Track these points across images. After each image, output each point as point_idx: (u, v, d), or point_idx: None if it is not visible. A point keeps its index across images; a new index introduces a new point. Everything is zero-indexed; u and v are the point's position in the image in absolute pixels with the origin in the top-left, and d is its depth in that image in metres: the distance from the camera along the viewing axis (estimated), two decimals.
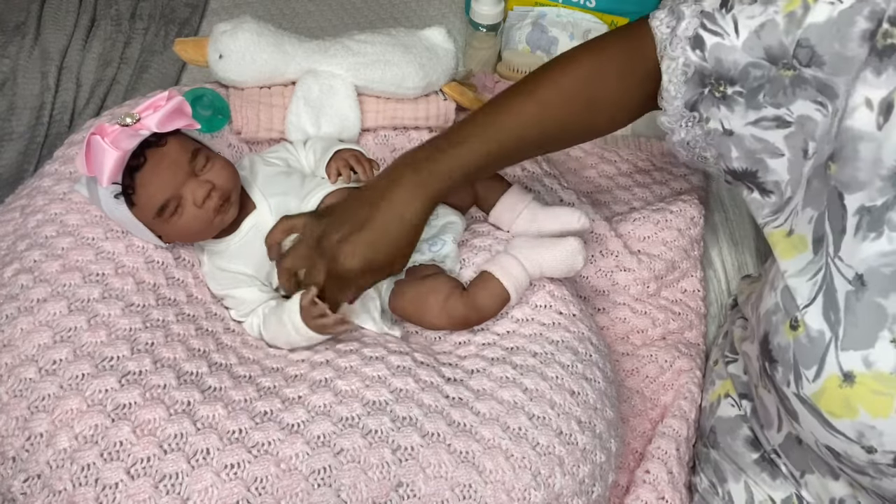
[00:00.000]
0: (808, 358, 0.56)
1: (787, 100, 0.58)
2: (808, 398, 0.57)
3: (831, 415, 0.56)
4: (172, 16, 1.30)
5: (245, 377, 0.69)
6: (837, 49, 0.54)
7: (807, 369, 0.56)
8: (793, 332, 0.57)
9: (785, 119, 0.59)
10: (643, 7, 1.20)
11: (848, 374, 0.54)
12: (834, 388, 0.55)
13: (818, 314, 0.55)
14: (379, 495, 0.61)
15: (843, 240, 0.55)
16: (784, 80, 0.58)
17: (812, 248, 0.57)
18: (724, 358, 0.85)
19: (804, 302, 0.57)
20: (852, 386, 0.54)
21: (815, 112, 0.57)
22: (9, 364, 0.64)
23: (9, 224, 0.78)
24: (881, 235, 0.53)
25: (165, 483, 0.59)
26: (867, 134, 0.53)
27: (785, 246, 0.60)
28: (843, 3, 0.54)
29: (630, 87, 0.68)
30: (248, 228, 0.78)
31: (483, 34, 1.20)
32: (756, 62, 0.59)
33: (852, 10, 0.53)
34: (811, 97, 0.57)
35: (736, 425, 0.78)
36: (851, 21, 0.53)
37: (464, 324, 0.77)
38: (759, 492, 0.74)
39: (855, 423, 0.54)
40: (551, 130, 0.71)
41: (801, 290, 0.57)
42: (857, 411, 0.54)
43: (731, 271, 1.01)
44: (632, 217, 0.97)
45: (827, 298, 0.55)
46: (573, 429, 0.68)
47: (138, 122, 0.70)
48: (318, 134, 0.91)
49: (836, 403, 0.55)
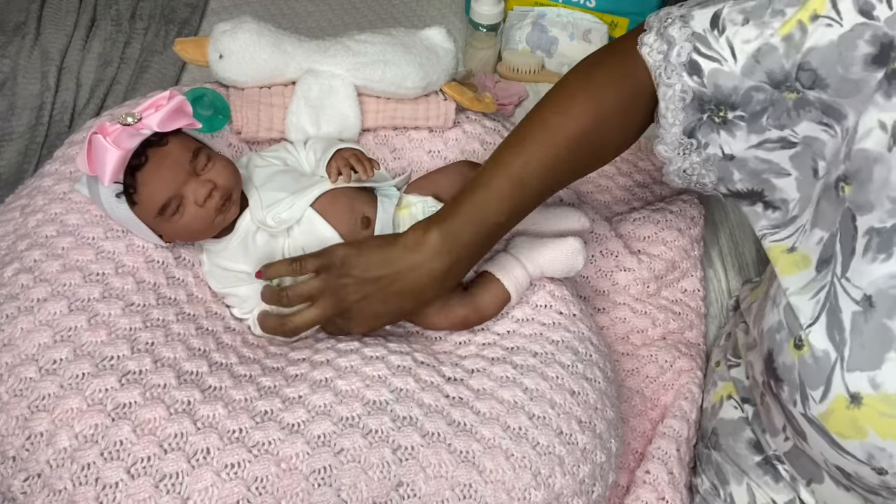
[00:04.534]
0: (814, 379, 0.55)
1: (792, 122, 0.57)
2: (815, 419, 0.56)
3: (840, 436, 0.55)
4: (172, 16, 1.30)
5: (245, 376, 0.69)
6: (841, 73, 0.54)
7: (813, 390, 0.55)
8: (797, 351, 0.56)
9: (790, 140, 0.58)
10: (643, 7, 1.21)
11: (855, 395, 0.53)
12: (841, 409, 0.54)
13: (822, 334, 0.55)
14: (379, 495, 0.61)
15: (853, 261, 0.54)
16: (787, 103, 0.57)
17: (815, 267, 0.56)
18: (726, 361, 0.84)
19: (807, 321, 0.56)
20: (860, 407, 0.53)
21: (821, 133, 0.56)
22: (9, 363, 0.64)
23: (9, 224, 0.78)
24: (890, 257, 0.52)
25: (166, 482, 0.59)
26: (880, 156, 0.53)
27: (786, 262, 0.59)
28: (842, 25, 0.53)
29: (632, 121, 0.68)
30: (243, 226, 0.78)
31: (483, 34, 1.20)
32: (758, 86, 0.58)
33: (853, 33, 0.53)
34: (816, 119, 0.56)
35: (738, 427, 0.77)
36: (853, 45, 0.53)
37: (464, 324, 0.77)
38: (761, 494, 0.74)
39: (864, 444, 0.53)
40: (564, 176, 0.71)
41: (803, 308, 0.56)
42: (867, 433, 0.53)
43: (731, 271, 1.01)
44: (632, 217, 0.97)
45: (831, 318, 0.55)
46: (573, 429, 0.68)
47: (140, 122, 0.70)
48: (318, 134, 0.91)
49: (845, 425, 0.54)
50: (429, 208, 0.83)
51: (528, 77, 1.24)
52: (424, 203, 0.84)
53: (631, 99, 0.66)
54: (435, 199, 0.84)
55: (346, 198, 0.81)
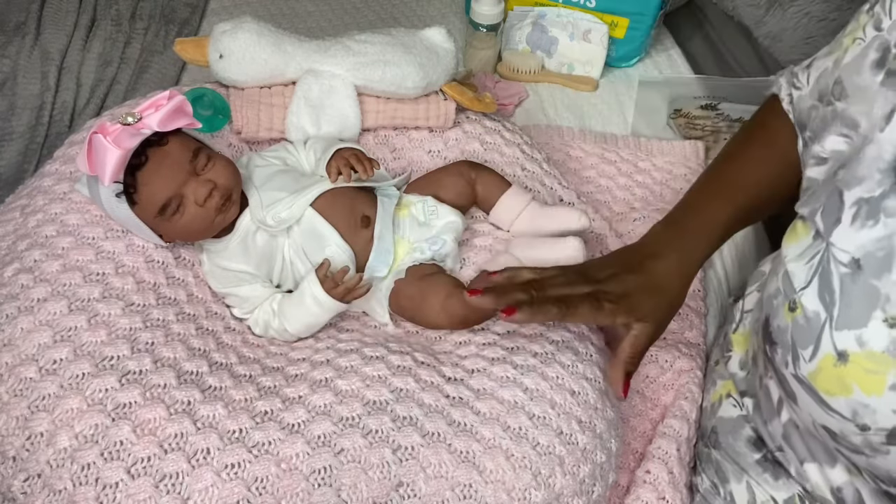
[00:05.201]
0: (805, 338, 0.58)
1: (824, 135, 0.63)
2: (804, 378, 0.59)
3: (827, 393, 0.58)
4: (172, 16, 1.30)
5: (245, 376, 0.69)
6: (856, 80, 0.60)
7: (803, 349, 0.59)
8: (791, 313, 0.60)
9: (821, 156, 0.64)
10: (643, 7, 1.21)
11: (842, 353, 0.56)
12: (829, 367, 0.57)
13: (814, 295, 0.58)
14: (379, 495, 0.61)
15: (836, 229, 0.58)
16: (827, 116, 0.64)
17: (813, 235, 0.60)
18: (724, 357, 0.85)
19: (801, 285, 0.59)
20: (846, 365, 0.56)
21: (842, 144, 0.62)
22: (9, 363, 0.64)
23: (9, 224, 0.78)
24: (878, 223, 0.56)
25: (166, 483, 0.59)
26: (872, 138, 0.57)
27: (792, 231, 0.63)
28: (864, 41, 0.61)
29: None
30: (243, 226, 0.78)
31: (483, 34, 1.20)
32: (814, 104, 0.66)
33: (868, 45, 0.60)
34: (838, 131, 0.62)
35: (738, 425, 0.78)
36: (865, 54, 0.60)
37: (464, 323, 0.77)
38: (761, 492, 0.74)
39: (850, 401, 0.56)
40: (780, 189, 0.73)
41: (798, 273, 0.60)
42: (852, 389, 0.56)
43: (731, 271, 1.01)
44: (632, 217, 0.97)
45: (822, 280, 0.58)
46: (574, 428, 0.68)
47: (140, 121, 0.70)
48: (319, 134, 0.91)
49: (832, 382, 0.57)
50: (429, 208, 0.83)
51: (528, 77, 1.24)
52: (424, 203, 0.84)
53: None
54: (435, 199, 0.84)
55: (345, 197, 0.81)
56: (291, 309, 0.76)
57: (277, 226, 0.77)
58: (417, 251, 0.81)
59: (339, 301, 0.76)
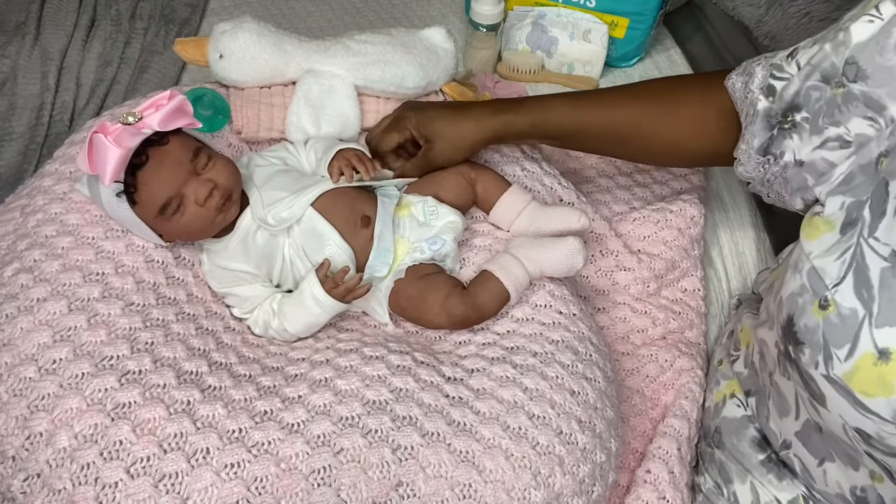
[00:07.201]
0: (840, 337, 0.56)
1: (844, 118, 0.61)
2: (838, 378, 0.56)
3: (864, 394, 0.55)
4: (172, 16, 1.30)
5: (245, 376, 0.69)
6: (878, 61, 0.58)
7: (838, 349, 0.56)
8: (822, 311, 0.57)
9: (845, 139, 0.62)
10: (643, 7, 1.21)
11: (883, 350, 0.54)
12: (868, 366, 0.54)
13: (850, 292, 0.56)
14: (379, 495, 0.61)
15: (882, 222, 0.56)
16: (837, 99, 0.61)
17: (840, 230, 0.58)
18: (728, 357, 0.84)
19: (833, 281, 0.57)
20: (888, 363, 0.53)
21: (868, 128, 0.60)
22: (9, 363, 0.64)
23: (9, 224, 0.78)
24: None
25: (165, 482, 0.59)
26: None
27: (811, 228, 0.61)
28: (882, 18, 0.58)
29: (707, 111, 0.76)
30: (243, 225, 0.78)
31: (483, 34, 1.20)
32: (814, 84, 0.64)
33: (890, 23, 0.57)
34: (862, 113, 0.60)
35: (742, 426, 0.78)
36: (889, 33, 0.57)
37: (464, 323, 0.77)
38: (765, 493, 0.74)
39: (891, 401, 0.54)
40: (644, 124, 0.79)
41: (829, 269, 0.57)
42: (894, 389, 0.53)
43: (731, 271, 1.01)
44: (632, 217, 0.97)
45: (858, 276, 0.56)
46: (573, 428, 0.68)
47: (140, 121, 0.70)
48: (319, 134, 0.91)
49: (870, 382, 0.55)
50: (429, 208, 0.83)
51: (528, 77, 1.24)
52: (425, 203, 0.84)
53: (708, 104, 0.75)
54: (435, 199, 0.84)
55: (346, 197, 0.81)
56: (291, 309, 0.76)
57: (278, 225, 0.77)
58: (417, 251, 0.81)
59: (339, 301, 0.76)
